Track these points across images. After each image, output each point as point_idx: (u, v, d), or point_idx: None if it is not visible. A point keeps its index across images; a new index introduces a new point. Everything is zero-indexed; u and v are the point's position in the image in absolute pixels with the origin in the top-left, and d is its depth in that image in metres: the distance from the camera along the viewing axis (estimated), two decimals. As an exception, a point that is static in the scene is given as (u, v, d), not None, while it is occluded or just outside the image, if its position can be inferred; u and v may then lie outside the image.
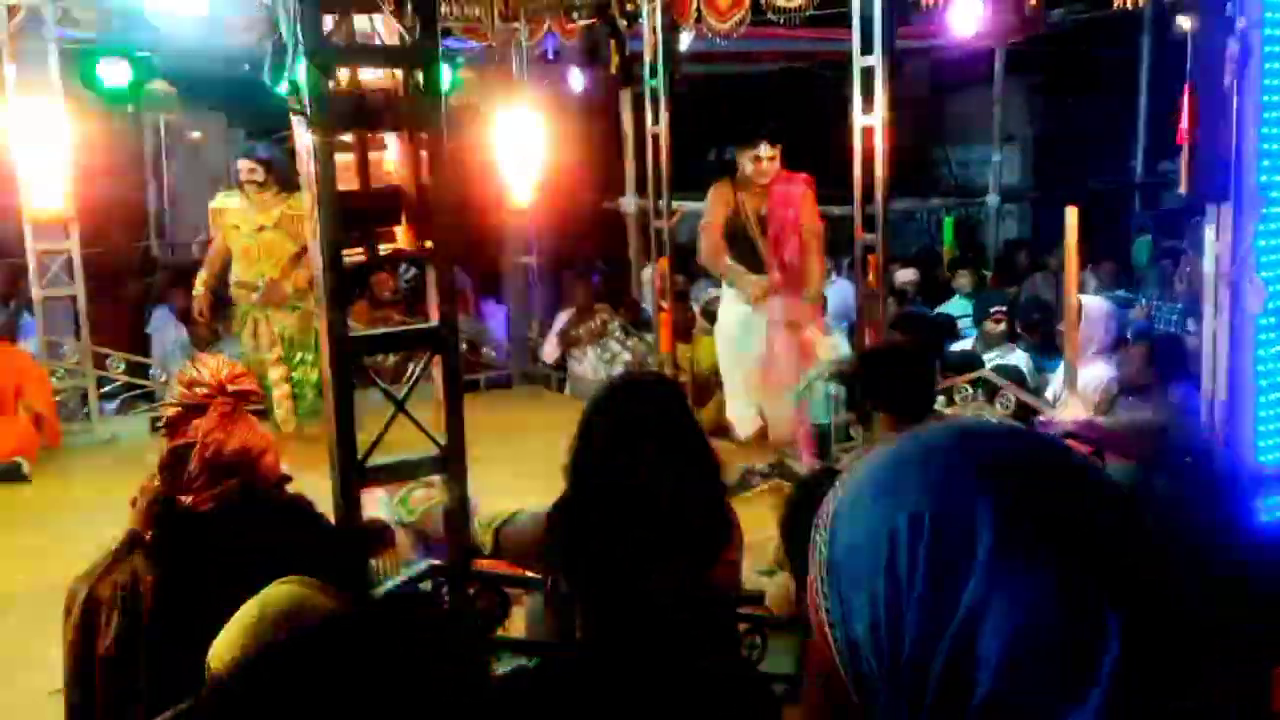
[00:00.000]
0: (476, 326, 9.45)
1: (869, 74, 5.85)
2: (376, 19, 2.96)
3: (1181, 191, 4.13)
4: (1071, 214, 5.22)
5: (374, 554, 3.24)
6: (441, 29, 3.27)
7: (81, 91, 7.46)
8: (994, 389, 5.76)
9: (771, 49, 8.82)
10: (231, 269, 6.99)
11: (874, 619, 0.81)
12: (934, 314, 7.95)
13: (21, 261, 7.56)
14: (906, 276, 9.23)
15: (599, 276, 9.83)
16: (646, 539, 1.79)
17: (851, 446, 6.01)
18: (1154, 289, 8.18)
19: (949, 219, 11.17)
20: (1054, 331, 6.02)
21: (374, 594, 2.91)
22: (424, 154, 2.93)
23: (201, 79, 8.49)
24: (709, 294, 7.75)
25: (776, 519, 2.35)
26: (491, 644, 3.02)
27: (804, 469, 5.87)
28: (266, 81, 2.79)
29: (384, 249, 3.05)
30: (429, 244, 2.99)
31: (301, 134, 2.79)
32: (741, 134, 6.04)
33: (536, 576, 2.89)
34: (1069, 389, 5.32)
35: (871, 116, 5.88)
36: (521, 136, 8.36)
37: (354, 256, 2.96)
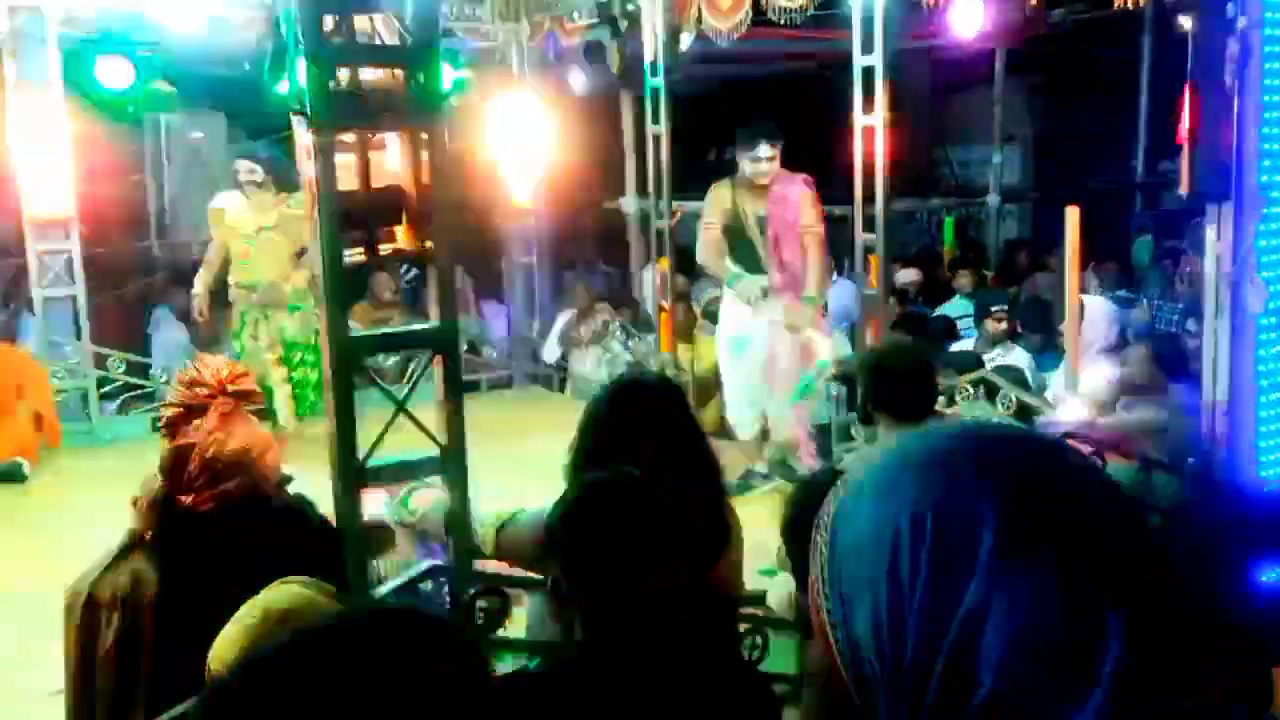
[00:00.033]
0: (477, 327, 9.44)
1: (869, 74, 5.85)
2: (377, 18, 2.96)
3: (1182, 191, 4.13)
4: (1072, 214, 5.22)
5: (374, 554, 3.24)
6: (443, 29, 3.27)
7: (81, 91, 7.46)
8: (995, 389, 5.75)
9: (772, 49, 8.80)
10: (231, 269, 6.99)
11: (875, 620, 0.81)
12: (933, 316, 7.94)
13: (22, 261, 7.57)
14: (907, 277, 9.21)
15: (600, 277, 9.83)
16: (646, 539, 1.78)
17: (853, 447, 6.00)
18: (1155, 289, 8.18)
19: (949, 219, 11.16)
20: (1055, 331, 6.02)
21: (375, 595, 2.91)
22: (424, 154, 2.93)
23: (202, 79, 8.48)
24: (710, 294, 7.74)
25: (778, 520, 2.35)
26: (492, 644, 3.01)
27: (805, 469, 5.87)
28: (267, 81, 2.80)
29: (384, 249, 3.05)
30: (429, 244, 2.99)
31: (302, 134, 2.79)
32: (741, 134, 6.01)
33: (537, 577, 2.88)
34: (1070, 389, 5.32)
35: (872, 116, 5.88)
36: (522, 137, 8.36)
37: (354, 256, 2.96)
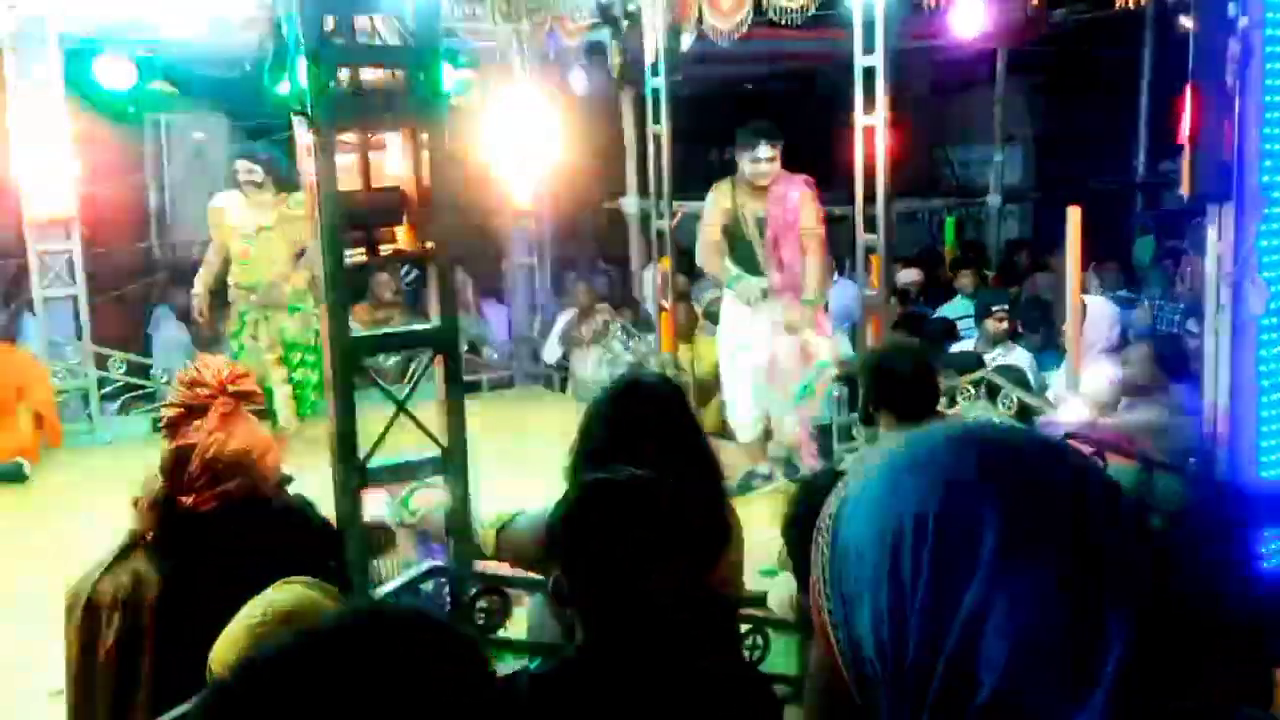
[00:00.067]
0: (478, 327, 9.44)
1: (870, 74, 5.85)
2: (377, 19, 2.96)
3: (1183, 192, 4.11)
4: (1073, 214, 5.22)
5: (375, 555, 3.24)
6: (444, 29, 3.27)
7: (82, 92, 7.46)
8: (996, 389, 5.75)
9: (773, 49, 8.80)
10: (230, 270, 6.98)
11: (877, 620, 0.81)
12: (931, 317, 7.94)
13: (23, 262, 7.57)
14: (908, 277, 9.21)
15: (601, 277, 9.83)
16: (647, 539, 1.78)
17: (854, 447, 6.00)
18: (1156, 289, 8.17)
19: (950, 219, 11.15)
20: (1056, 331, 6.02)
21: (375, 595, 2.91)
22: (425, 154, 2.93)
23: (202, 79, 8.49)
24: (711, 295, 7.74)
25: (778, 520, 2.35)
26: (492, 645, 3.01)
27: (806, 470, 5.86)
28: (267, 81, 2.80)
29: (385, 249, 3.05)
30: (430, 244, 2.99)
31: (302, 134, 2.79)
32: (741, 135, 6.00)
33: (538, 577, 2.88)
34: (1071, 389, 5.32)
35: (873, 117, 5.87)
36: (523, 137, 8.36)
37: (355, 257, 2.96)
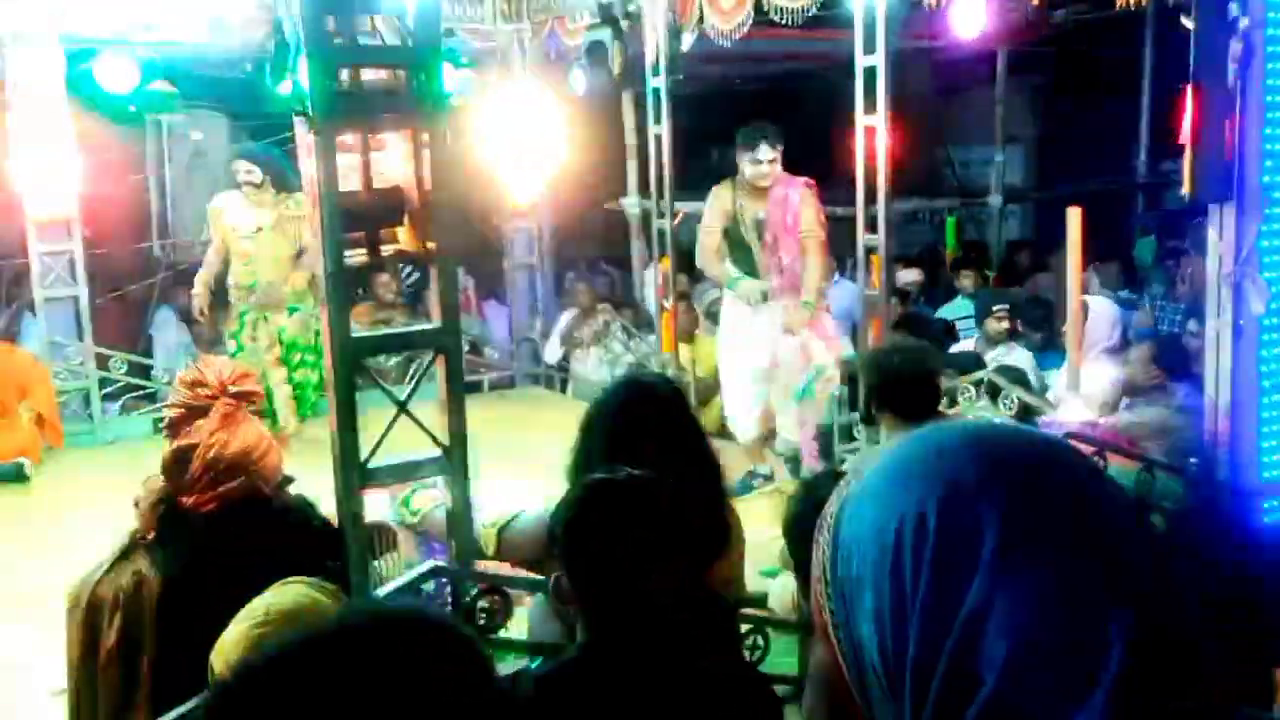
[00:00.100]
0: (479, 327, 9.44)
1: (871, 74, 5.84)
2: (378, 19, 2.96)
3: (1184, 192, 4.11)
4: (1074, 214, 5.22)
5: (376, 555, 3.24)
6: (444, 29, 3.27)
7: (83, 92, 7.46)
8: (997, 389, 5.75)
9: (774, 49, 8.79)
10: (230, 270, 6.98)
11: (878, 620, 0.81)
12: (931, 319, 7.93)
13: (24, 262, 7.57)
14: (910, 277, 9.20)
15: (602, 277, 9.83)
16: (647, 539, 1.78)
17: (855, 447, 6.00)
18: (1157, 290, 8.17)
19: (951, 219, 11.14)
20: (1056, 331, 6.01)
21: (376, 595, 2.91)
22: (426, 154, 2.93)
23: (203, 79, 8.48)
24: (711, 295, 7.74)
25: (778, 520, 2.35)
26: (493, 644, 3.01)
27: (807, 470, 5.86)
28: (268, 82, 2.80)
29: (386, 249, 3.05)
30: (431, 244, 2.99)
31: (303, 134, 2.79)
32: (741, 136, 6.00)
33: (539, 577, 2.88)
34: (1072, 389, 5.32)
35: (874, 117, 5.87)
36: (523, 137, 8.35)
37: (356, 257, 2.96)
